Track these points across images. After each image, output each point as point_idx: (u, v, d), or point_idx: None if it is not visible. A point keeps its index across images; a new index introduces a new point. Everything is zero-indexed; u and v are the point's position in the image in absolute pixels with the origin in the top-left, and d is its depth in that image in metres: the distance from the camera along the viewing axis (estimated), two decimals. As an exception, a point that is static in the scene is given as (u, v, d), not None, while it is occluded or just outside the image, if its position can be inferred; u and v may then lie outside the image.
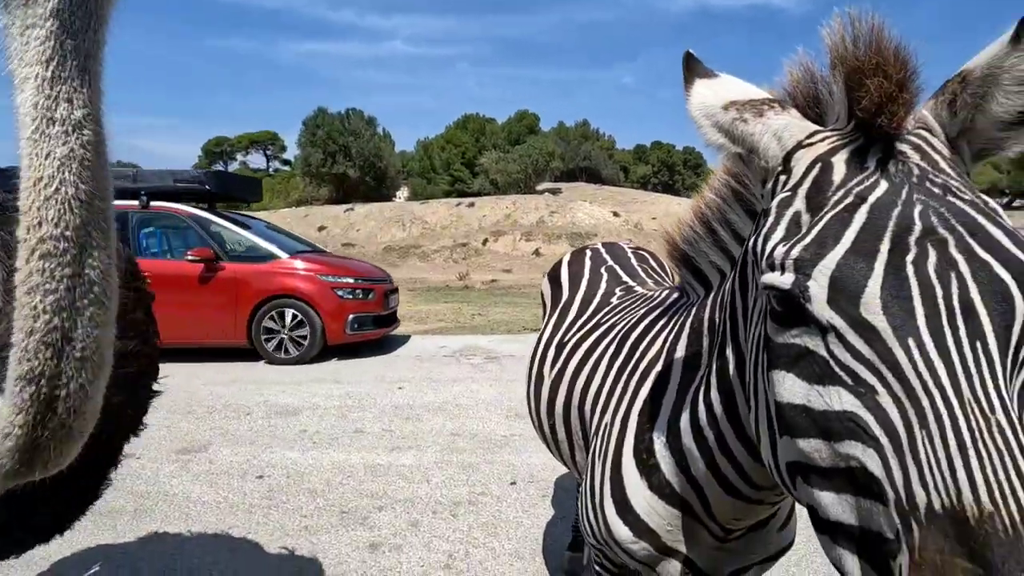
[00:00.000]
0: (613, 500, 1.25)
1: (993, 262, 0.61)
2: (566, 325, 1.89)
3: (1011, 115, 0.67)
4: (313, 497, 3.34)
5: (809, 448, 0.65)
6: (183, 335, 6.70)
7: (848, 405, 0.62)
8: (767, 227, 0.73)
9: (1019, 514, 0.50)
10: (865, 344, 0.61)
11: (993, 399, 0.56)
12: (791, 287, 0.65)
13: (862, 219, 0.65)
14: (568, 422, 1.65)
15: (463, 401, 5.16)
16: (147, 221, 7.10)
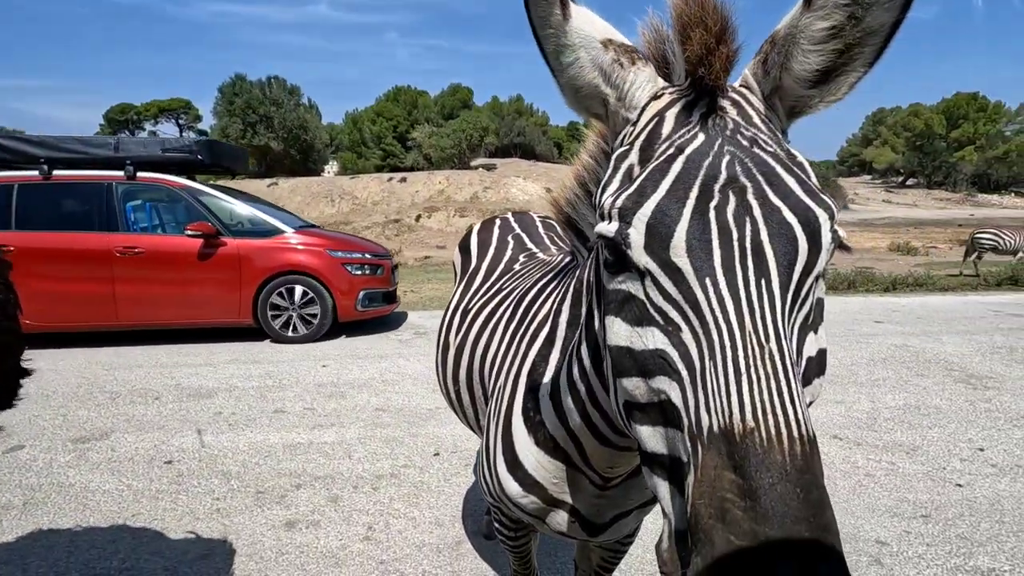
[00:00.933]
0: (504, 458, 1.28)
1: (783, 207, 0.66)
2: (471, 292, 1.91)
3: (809, 74, 0.73)
4: (227, 479, 3.22)
5: (631, 386, 0.70)
6: (182, 315, 6.30)
7: (659, 343, 0.67)
8: (605, 179, 0.76)
9: (775, 428, 0.56)
10: (673, 285, 0.66)
11: (770, 330, 0.62)
12: (614, 235, 0.69)
13: (678, 169, 0.69)
14: (471, 387, 1.67)
15: (389, 377, 5.11)
16: (133, 193, 6.44)
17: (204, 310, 6.36)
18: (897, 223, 31.83)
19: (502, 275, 1.85)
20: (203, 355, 5.91)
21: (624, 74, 0.80)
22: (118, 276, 6.09)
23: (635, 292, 0.70)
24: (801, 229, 0.66)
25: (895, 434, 3.81)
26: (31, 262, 5.84)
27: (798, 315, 0.66)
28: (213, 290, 6.30)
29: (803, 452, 0.56)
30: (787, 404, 0.58)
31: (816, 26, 0.69)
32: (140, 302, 6.18)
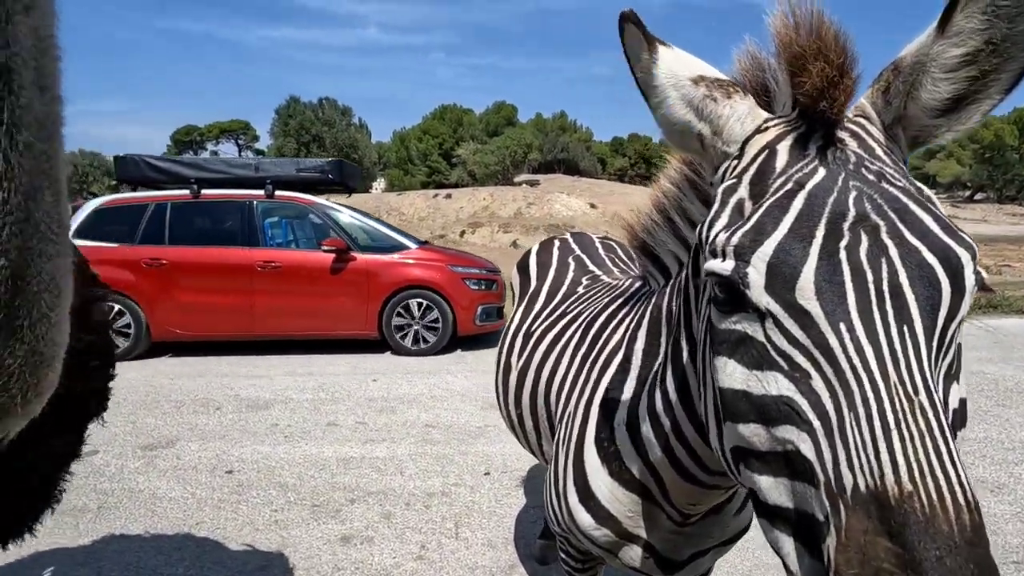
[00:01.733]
0: (575, 487, 1.26)
1: (922, 247, 0.62)
2: (533, 314, 1.90)
3: (939, 102, 0.69)
4: (284, 491, 3.30)
5: (749, 433, 0.66)
6: (313, 326, 6.64)
7: (784, 390, 0.63)
8: (712, 214, 0.73)
9: (936, 493, 0.52)
10: (800, 329, 0.62)
11: (917, 381, 0.57)
12: (731, 274, 0.66)
13: (799, 205, 0.65)
14: (535, 411, 1.65)
15: (438, 393, 5.15)
16: (271, 210, 6.92)
17: (333, 322, 6.63)
18: (965, 240, 29.96)
19: (566, 298, 1.84)
20: (261, 367, 6.11)
21: (718, 109, 0.78)
22: (257, 289, 6.46)
23: (753, 334, 0.66)
24: (943, 271, 0.61)
25: (977, 470, 3.53)
26: (181, 275, 6.37)
27: (942, 364, 0.62)
28: (342, 303, 6.57)
29: (972, 522, 0.51)
30: (947, 465, 0.53)
31: (949, 53, 0.65)
32: (275, 314, 6.52)
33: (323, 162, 7.31)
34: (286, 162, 7.30)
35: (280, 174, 6.93)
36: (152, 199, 6.63)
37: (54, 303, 0.65)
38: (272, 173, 6.89)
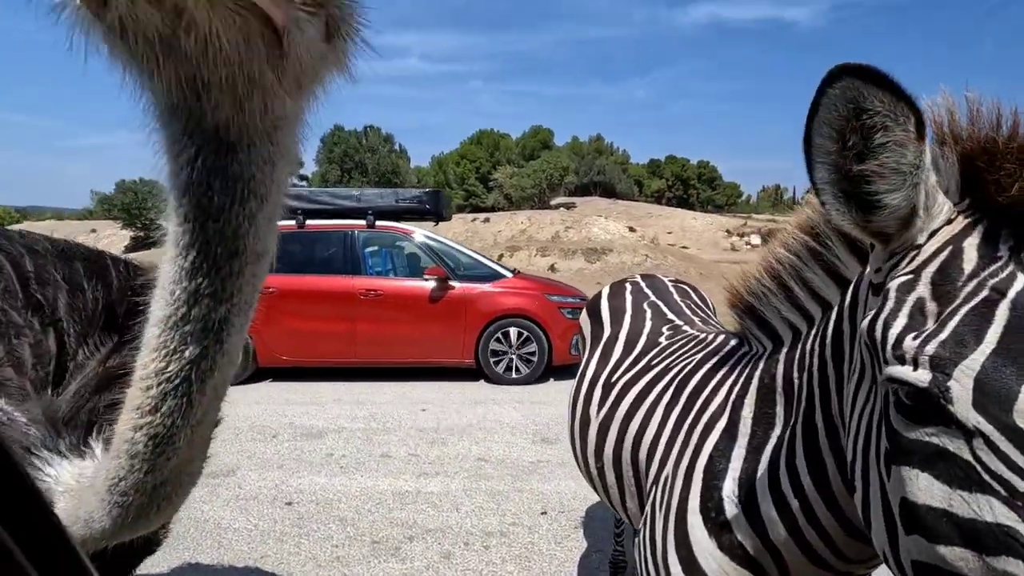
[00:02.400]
0: (679, 557, 1.21)
1: None
2: (612, 364, 1.87)
3: None
4: (343, 525, 3.32)
5: (953, 556, 0.62)
6: (412, 354, 6.78)
7: (1003, 518, 0.59)
8: (887, 312, 0.70)
9: None
10: (1021, 453, 0.58)
11: None
12: (928, 386, 0.63)
13: (1004, 316, 0.62)
14: (619, 467, 1.61)
15: (488, 424, 5.13)
16: (371, 240, 7.16)
17: (431, 350, 6.73)
18: None
19: (647, 348, 1.80)
20: (309, 394, 6.23)
21: (937, 196, 0.72)
22: (359, 316, 6.64)
23: (956, 451, 0.62)
24: None
25: None
26: (288, 302, 6.56)
27: None
28: (441, 331, 6.67)
29: None
30: None
31: None
32: (376, 341, 6.68)
33: (421, 192, 7.54)
34: (387, 193, 7.52)
35: (381, 205, 7.12)
36: None
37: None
38: (373, 204, 7.09)
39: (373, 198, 7.23)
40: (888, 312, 0.70)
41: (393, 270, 7.38)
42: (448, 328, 6.60)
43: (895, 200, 0.72)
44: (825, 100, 0.68)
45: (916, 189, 0.71)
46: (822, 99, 0.69)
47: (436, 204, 7.43)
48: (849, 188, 0.73)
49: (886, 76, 0.64)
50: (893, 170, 0.70)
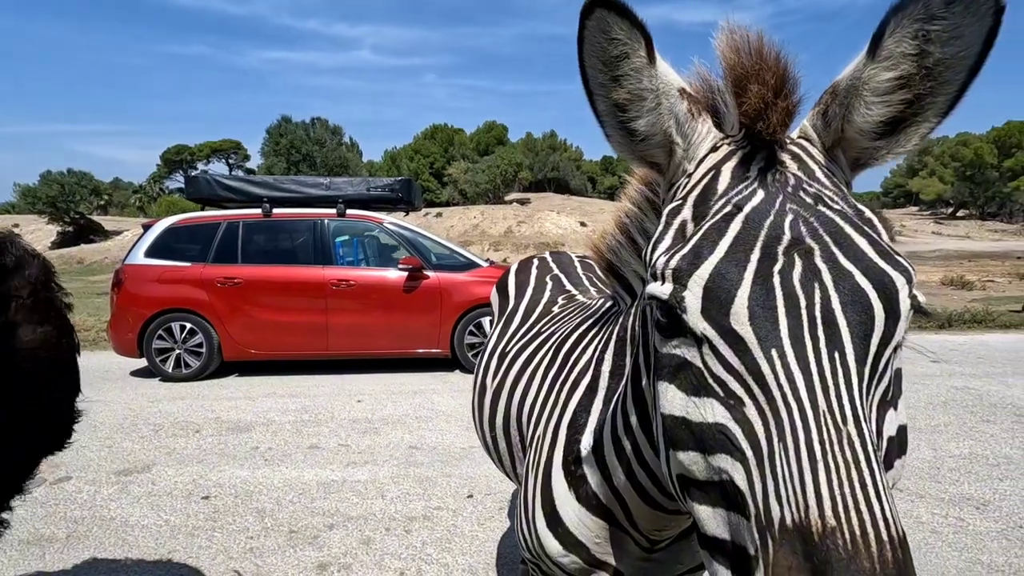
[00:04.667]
0: (543, 512, 1.22)
1: (856, 272, 0.60)
2: (508, 335, 1.87)
3: (872, 125, 0.68)
4: (261, 517, 3.21)
5: (688, 461, 0.64)
6: (387, 345, 6.58)
7: (719, 417, 0.61)
8: (657, 235, 0.72)
9: (860, 529, 0.50)
10: (734, 355, 0.60)
11: (847, 410, 0.55)
12: (668, 297, 0.64)
13: (736, 228, 0.64)
14: (508, 433, 1.62)
15: (423, 413, 5.08)
16: (341, 229, 6.88)
17: (406, 341, 6.58)
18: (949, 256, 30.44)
19: (540, 317, 1.82)
20: (243, 388, 6.02)
21: (694, 125, 0.76)
22: (331, 307, 6.42)
23: (691, 359, 0.65)
24: (876, 295, 0.60)
25: (962, 486, 3.52)
26: (256, 294, 6.33)
27: (876, 391, 0.60)
28: (416, 321, 6.52)
29: (895, 558, 0.49)
30: (872, 499, 0.51)
31: (881, 77, 0.65)
32: (350, 332, 6.48)
33: (393, 181, 7.34)
34: (358, 181, 7.29)
35: (351, 193, 6.94)
36: (223, 218, 6.60)
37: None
38: (343, 192, 6.90)
39: (343, 186, 7.03)
40: (657, 235, 0.72)
41: (365, 259, 7.21)
42: (423, 318, 6.50)
43: (642, 126, 0.76)
44: (585, 33, 0.71)
45: (659, 114, 0.75)
46: (583, 32, 0.71)
47: (409, 193, 7.30)
48: (619, 118, 0.76)
49: (625, 5, 0.67)
50: (637, 96, 0.74)
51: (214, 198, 6.94)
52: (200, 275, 6.29)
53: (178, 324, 6.26)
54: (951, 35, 0.61)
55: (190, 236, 6.52)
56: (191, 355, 6.29)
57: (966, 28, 0.60)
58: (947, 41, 0.61)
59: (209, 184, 6.95)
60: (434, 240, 7.08)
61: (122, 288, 6.29)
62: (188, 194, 7.27)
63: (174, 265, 6.33)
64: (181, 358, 6.27)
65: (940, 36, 0.61)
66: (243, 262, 6.42)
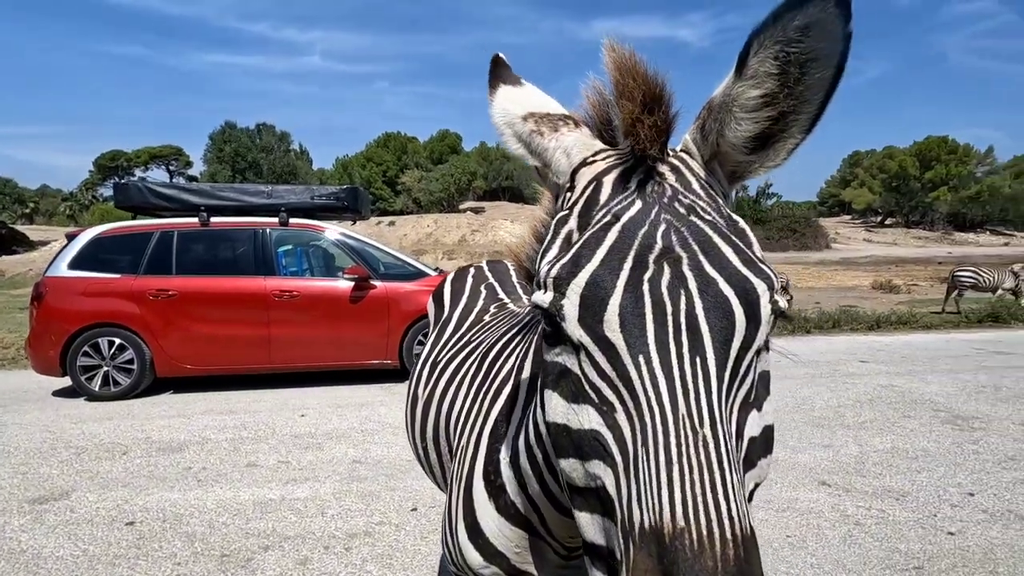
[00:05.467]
0: (465, 524, 1.21)
1: (719, 279, 0.63)
2: (441, 344, 1.86)
3: (743, 140, 0.72)
4: (191, 542, 3.05)
5: (569, 468, 0.65)
6: (333, 356, 6.35)
7: (594, 424, 0.62)
8: (545, 244, 0.74)
9: (707, 529, 0.52)
10: (607, 362, 0.62)
11: (704, 413, 0.57)
12: (548, 306, 0.65)
13: (613, 238, 0.66)
14: (438, 444, 1.60)
15: (369, 427, 4.97)
16: (284, 239, 6.57)
17: (354, 352, 6.39)
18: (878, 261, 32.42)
19: (472, 326, 1.81)
20: (177, 406, 5.72)
21: (543, 143, 0.81)
22: (274, 319, 6.17)
23: (571, 367, 0.66)
24: (738, 302, 0.62)
25: (884, 479, 3.73)
26: (191, 306, 6.02)
27: (738, 393, 0.63)
28: (363, 332, 6.33)
29: (736, 555, 0.51)
30: (720, 499, 0.53)
31: (748, 94, 0.68)
32: (293, 345, 6.24)
33: (339, 189, 7.17)
34: (301, 189, 7.10)
35: (295, 202, 6.71)
36: (156, 227, 6.26)
37: None
38: (286, 201, 6.66)
39: (285, 194, 6.83)
40: (546, 245, 0.73)
41: (310, 270, 7.05)
42: (371, 329, 6.36)
43: (512, 148, 0.83)
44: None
45: (508, 140, 0.83)
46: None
47: (355, 202, 7.14)
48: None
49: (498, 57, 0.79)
50: (497, 128, 0.83)
51: (146, 206, 6.61)
52: (130, 287, 5.97)
53: (106, 340, 5.90)
54: (808, 57, 0.65)
55: (120, 246, 6.18)
56: (121, 372, 5.94)
57: (820, 52, 0.64)
58: (805, 63, 0.65)
59: (140, 191, 6.61)
60: (382, 249, 6.97)
61: (43, 302, 5.88)
62: (117, 202, 6.88)
63: (101, 277, 5.98)
64: (109, 376, 5.91)
65: (798, 58, 0.65)
66: (178, 273, 6.13)
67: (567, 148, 0.79)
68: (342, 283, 6.39)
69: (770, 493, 3.51)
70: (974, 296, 12.94)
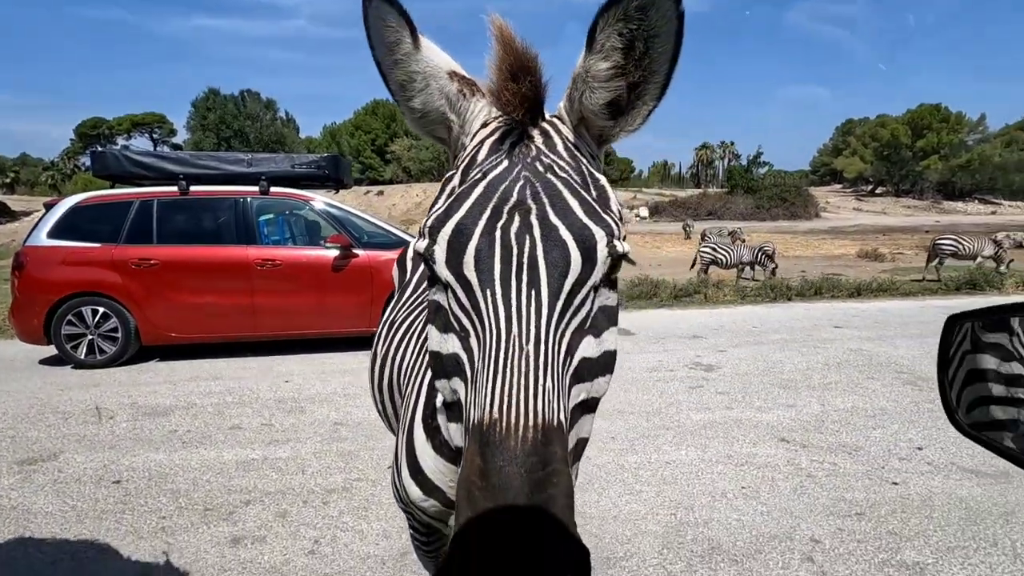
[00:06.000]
0: (407, 463, 1.33)
1: (560, 226, 0.74)
2: (399, 305, 1.96)
3: (600, 107, 0.81)
4: (175, 498, 3.19)
5: (441, 387, 0.79)
6: (317, 325, 6.42)
7: (455, 347, 0.75)
8: (435, 200, 0.83)
9: (514, 420, 0.64)
10: (465, 296, 0.74)
11: (531, 334, 0.69)
12: (424, 251, 0.76)
13: (478, 192, 0.76)
14: (393, 398, 1.71)
15: (352, 391, 5.10)
16: (266, 207, 6.56)
17: (338, 320, 6.46)
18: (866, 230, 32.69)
19: (424, 290, 1.90)
20: (163, 373, 5.83)
21: (466, 104, 0.87)
22: (257, 288, 6.22)
23: (443, 302, 0.78)
24: (576, 245, 0.73)
25: (840, 436, 3.92)
26: (174, 275, 6.04)
27: (571, 321, 0.73)
28: (346, 301, 6.39)
29: (535, 438, 0.63)
30: (531, 398, 0.65)
31: (599, 66, 0.76)
32: (277, 313, 6.31)
33: (319, 158, 7.09)
34: (280, 158, 7.02)
35: (275, 171, 6.68)
36: (136, 196, 6.24)
37: None
38: (266, 169, 6.63)
39: (265, 163, 6.79)
40: (435, 200, 0.82)
41: (292, 239, 7.05)
42: (354, 297, 6.42)
43: (418, 104, 0.87)
44: (368, 19, 0.80)
45: (429, 94, 0.86)
46: (366, 18, 0.80)
47: (336, 170, 7.11)
48: (402, 96, 0.88)
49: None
50: (410, 77, 0.85)
51: (124, 175, 6.58)
52: (111, 256, 5.99)
53: (89, 309, 5.95)
54: (649, 34, 0.73)
55: (99, 215, 6.17)
56: (106, 340, 6.01)
57: (659, 28, 0.72)
58: (648, 39, 0.74)
59: (117, 160, 6.58)
60: (365, 218, 7.00)
61: (24, 272, 5.90)
62: (95, 171, 6.84)
63: (82, 246, 5.99)
64: (95, 344, 5.98)
65: (641, 34, 0.73)
66: (159, 242, 6.15)
67: (477, 113, 0.86)
68: (325, 252, 6.43)
69: (731, 449, 3.69)
70: (956, 265, 13.18)
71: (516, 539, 0.58)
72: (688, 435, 3.95)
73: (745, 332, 7.33)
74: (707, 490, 3.18)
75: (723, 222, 33.74)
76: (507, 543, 0.58)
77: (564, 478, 0.63)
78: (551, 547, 0.59)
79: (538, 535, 0.58)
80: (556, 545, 0.59)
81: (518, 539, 0.58)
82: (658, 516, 2.93)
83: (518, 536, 0.58)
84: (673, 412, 4.43)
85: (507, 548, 0.58)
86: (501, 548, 0.58)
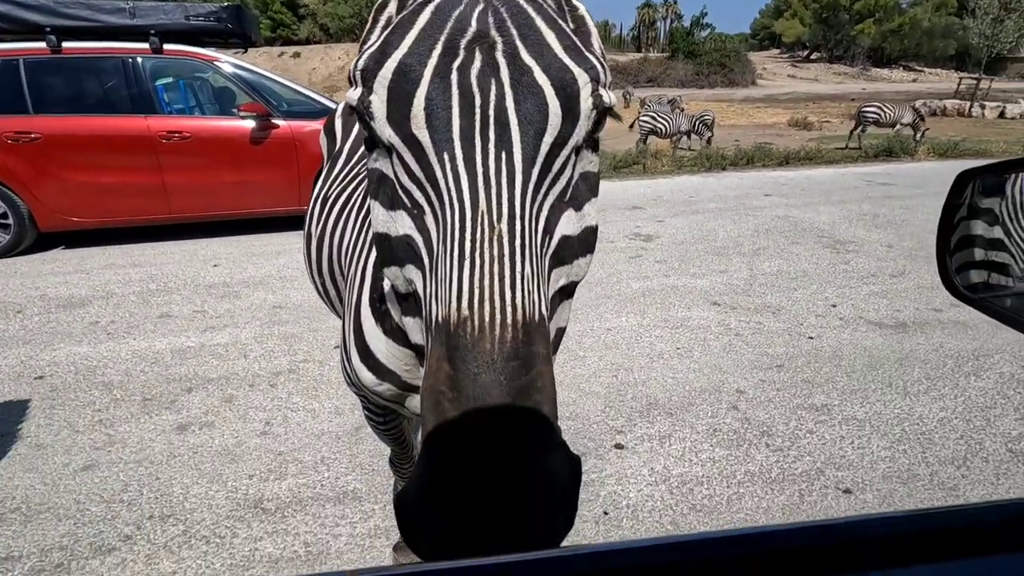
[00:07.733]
0: (356, 348, 1.26)
1: (535, 67, 0.58)
2: (331, 179, 1.77)
3: None
4: (108, 390, 3.05)
5: (392, 276, 0.65)
6: (240, 204, 5.80)
7: (407, 228, 0.61)
8: (364, 34, 0.65)
9: (489, 317, 0.53)
10: (416, 162, 0.58)
11: (504, 209, 0.56)
12: (357, 103, 0.59)
13: (424, 20, 0.59)
14: (333, 279, 1.60)
15: (288, 273, 4.89)
16: (162, 70, 5.54)
17: (262, 199, 5.90)
18: (798, 98, 33.03)
19: (361, 158, 1.71)
20: (72, 262, 5.32)
21: None
22: (166, 164, 5.48)
23: (387, 171, 0.62)
24: (554, 94, 0.58)
25: (766, 297, 4.21)
26: (64, 151, 5.21)
27: (550, 191, 0.61)
28: (270, 177, 5.78)
29: (514, 337, 0.53)
30: (507, 289, 0.54)
31: None
32: (193, 193, 5.66)
33: (218, 8, 5.92)
34: (171, 7, 5.79)
35: (166, 23, 5.53)
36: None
37: None
38: (155, 21, 5.48)
39: (151, 12, 5.61)
40: (365, 35, 0.65)
41: (199, 107, 6.22)
42: (278, 173, 5.85)
43: None
44: None
45: None
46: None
47: (240, 24, 6.04)
48: None
49: None
50: None
51: None
52: None
53: None
54: None
55: None
56: None
57: None
58: None
59: None
60: (282, 83, 6.21)
61: None
62: None
63: None
64: (-18, 233, 5.31)
65: None
66: (36, 112, 5.25)
67: None
68: (240, 123, 5.73)
69: (668, 314, 3.90)
70: (878, 132, 13.68)
71: (503, 461, 0.49)
72: (628, 303, 4.11)
73: (682, 202, 7.47)
74: (645, 352, 3.38)
75: (663, 89, 32.94)
76: (491, 466, 0.49)
77: (548, 380, 0.53)
78: (543, 465, 0.50)
79: (525, 452, 0.49)
80: (549, 461, 0.51)
81: (505, 460, 0.49)
82: (600, 378, 3.11)
83: (505, 457, 0.49)
84: (614, 282, 4.56)
85: (492, 472, 0.49)
86: (484, 472, 0.49)
